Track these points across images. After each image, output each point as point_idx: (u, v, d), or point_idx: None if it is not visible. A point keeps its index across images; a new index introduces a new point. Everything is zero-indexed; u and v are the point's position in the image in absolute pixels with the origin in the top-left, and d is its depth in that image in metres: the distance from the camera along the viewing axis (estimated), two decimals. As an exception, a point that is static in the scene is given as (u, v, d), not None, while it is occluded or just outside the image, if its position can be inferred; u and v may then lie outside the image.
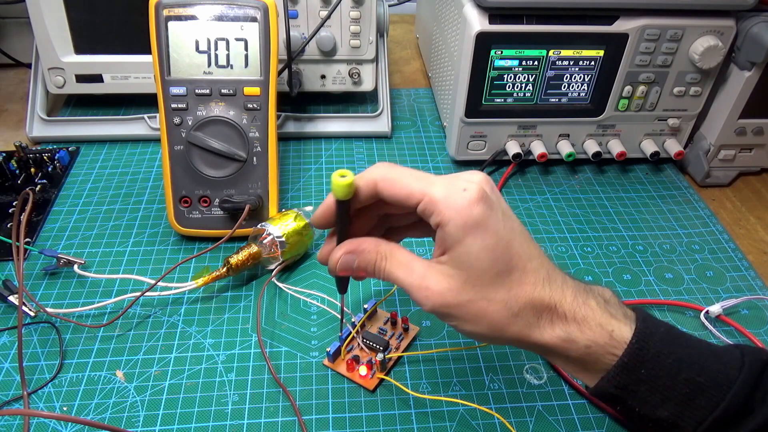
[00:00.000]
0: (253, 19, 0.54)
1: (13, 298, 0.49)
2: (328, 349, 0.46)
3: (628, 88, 0.62)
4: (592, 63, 0.60)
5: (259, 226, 0.53)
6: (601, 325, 0.32)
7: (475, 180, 0.32)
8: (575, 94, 0.63)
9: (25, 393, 0.43)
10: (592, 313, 0.32)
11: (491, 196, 0.32)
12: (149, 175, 0.66)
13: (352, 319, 0.48)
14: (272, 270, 0.53)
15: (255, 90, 0.54)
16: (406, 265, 0.34)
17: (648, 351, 0.31)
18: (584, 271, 0.56)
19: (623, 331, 0.32)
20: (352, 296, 0.53)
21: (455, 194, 0.31)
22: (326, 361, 0.46)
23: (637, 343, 0.31)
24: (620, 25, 0.58)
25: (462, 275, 0.32)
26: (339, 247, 0.35)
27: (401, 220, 0.38)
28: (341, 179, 0.33)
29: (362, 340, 0.47)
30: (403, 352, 0.47)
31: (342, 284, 0.41)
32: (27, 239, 0.56)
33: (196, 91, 0.54)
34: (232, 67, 0.54)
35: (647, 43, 0.58)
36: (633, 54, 0.59)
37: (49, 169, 0.65)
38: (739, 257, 0.58)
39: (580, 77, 0.61)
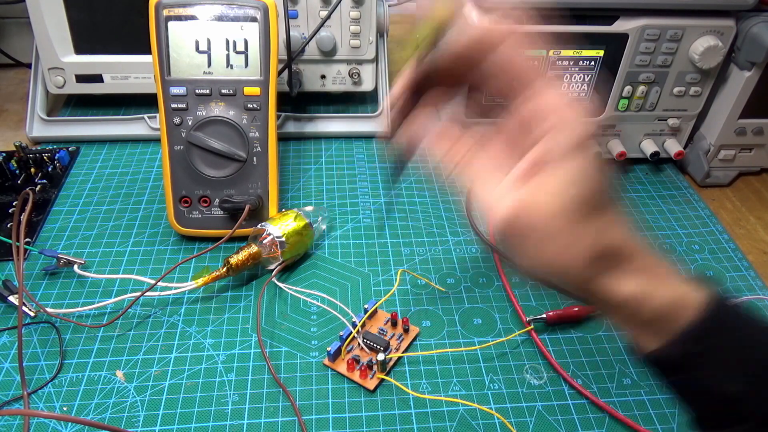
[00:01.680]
0: (253, 19, 0.54)
1: (13, 298, 0.49)
2: (328, 349, 0.46)
3: (628, 88, 0.62)
4: (592, 63, 0.60)
5: (259, 226, 0.53)
6: (676, 285, 0.29)
7: (581, 106, 0.29)
8: (575, 94, 0.63)
9: (25, 393, 0.43)
10: (668, 274, 0.30)
11: None
12: (149, 175, 0.66)
13: (353, 319, 0.48)
14: (272, 270, 0.53)
15: (255, 90, 0.54)
16: (484, 170, 0.30)
17: (725, 319, 0.29)
18: (584, 271, 0.56)
19: (698, 294, 0.29)
20: (353, 296, 0.53)
21: (573, 111, 0.28)
22: (326, 361, 0.46)
23: (715, 308, 0.29)
24: (620, 25, 0.58)
25: (560, 197, 0.28)
26: (419, 113, 0.32)
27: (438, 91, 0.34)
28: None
29: (362, 341, 0.47)
30: (403, 352, 0.47)
31: (401, 166, 0.34)
32: (27, 239, 0.56)
33: (196, 91, 0.54)
34: (232, 67, 0.54)
35: (647, 43, 0.58)
36: (633, 54, 0.59)
37: (49, 169, 0.65)
38: (739, 257, 0.58)
39: (580, 77, 0.61)
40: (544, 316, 0.49)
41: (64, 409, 0.43)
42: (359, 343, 0.47)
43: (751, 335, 0.29)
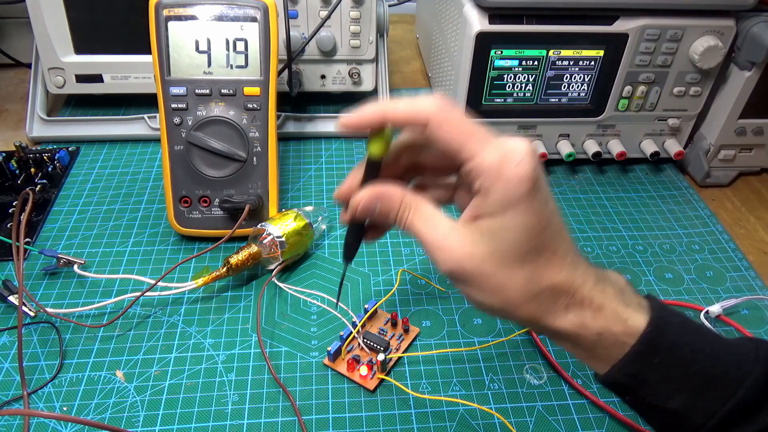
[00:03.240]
0: (253, 19, 0.54)
1: (13, 298, 0.49)
2: (329, 349, 0.46)
3: (628, 88, 0.62)
4: (592, 63, 0.60)
5: (259, 226, 0.53)
6: (616, 313, 0.31)
7: (525, 152, 0.30)
8: (575, 94, 0.63)
9: (25, 393, 0.43)
10: (608, 301, 0.31)
11: (540, 173, 0.30)
12: (149, 175, 0.66)
13: (353, 319, 0.48)
14: (272, 270, 0.53)
15: (255, 90, 0.54)
16: (431, 220, 0.32)
17: (662, 340, 0.30)
18: (584, 271, 0.56)
19: (638, 319, 0.31)
20: (353, 296, 0.53)
21: (508, 166, 0.29)
22: (327, 361, 0.46)
23: (651, 331, 0.30)
24: (620, 25, 0.58)
25: (490, 246, 0.30)
26: (363, 190, 0.33)
27: (429, 177, 0.36)
28: (378, 135, 0.31)
29: (363, 341, 0.47)
30: (403, 352, 0.47)
31: (353, 246, 0.37)
32: (27, 239, 0.56)
33: (196, 91, 0.54)
34: (232, 67, 0.54)
35: (647, 43, 0.58)
36: (633, 54, 0.59)
37: (49, 169, 0.65)
38: (739, 257, 0.58)
39: (580, 77, 0.61)
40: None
41: (64, 409, 0.43)
42: (359, 343, 0.47)
43: (693, 348, 0.31)
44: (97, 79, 0.69)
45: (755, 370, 0.30)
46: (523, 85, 0.61)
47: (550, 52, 0.59)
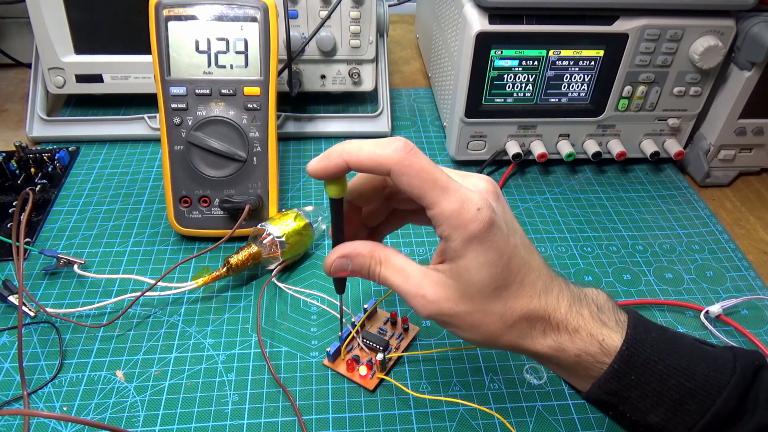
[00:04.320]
0: (253, 19, 0.54)
1: (13, 298, 0.49)
2: (328, 349, 0.46)
3: (628, 88, 0.62)
4: (592, 63, 0.60)
5: (259, 226, 0.53)
6: (591, 334, 0.32)
7: (485, 194, 0.32)
8: (575, 94, 0.63)
9: (25, 393, 0.43)
10: (584, 323, 0.33)
11: (498, 212, 0.32)
12: (149, 175, 0.66)
13: (352, 319, 0.48)
14: (272, 270, 0.53)
15: (255, 90, 0.54)
16: (402, 271, 0.34)
17: (638, 357, 0.32)
18: (584, 271, 0.56)
19: (614, 338, 0.32)
20: (352, 296, 0.53)
21: (466, 212, 0.30)
22: (326, 361, 0.46)
23: (627, 350, 0.32)
24: (620, 25, 0.58)
25: (460, 287, 0.32)
26: (333, 251, 0.35)
27: (405, 205, 0.38)
28: (330, 182, 0.33)
29: (362, 340, 0.47)
30: (403, 352, 0.47)
31: (339, 285, 0.40)
32: (27, 239, 0.56)
33: (196, 91, 0.54)
34: (232, 67, 0.54)
35: (647, 43, 0.58)
36: (633, 54, 0.59)
37: (49, 169, 0.65)
38: (739, 257, 0.58)
39: (580, 77, 0.61)
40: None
41: (64, 409, 0.43)
42: (359, 343, 0.47)
43: (668, 363, 0.32)
44: (97, 79, 0.69)
45: (731, 382, 0.31)
46: (523, 85, 0.61)
47: (550, 52, 0.59)
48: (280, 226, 0.53)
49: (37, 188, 0.62)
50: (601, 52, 0.59)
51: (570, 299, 0.33)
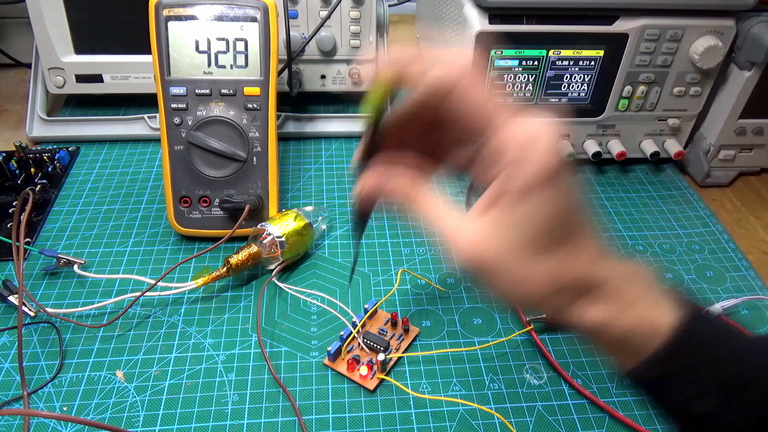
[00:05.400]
0: (253, 19, 0.54)
1: (13, 298, 0.49)
2: (328, 349, 0.46)
3: (628, 88, 0.62)
4: (592, 63, 0.60)
5: (259, 226, 0.53)
6: (647, 308, 0.30)
7: (551, 138, 0.28)
8: (575, 94, 0.63)
9: (25, 393, 0.43)
10: (638, 296, 0.30)
11: (564, 162, 0.28)
12: (149, 175, 0.66)
13: (353, 319, 0.48)
14: (272, 270, 0.53)
15: (255, 90, 0.54)
16: (444, 206, 0.30)
17: (694, 341, 0.29)
18: (584, 271, 0.56)
19: (668, 317, 0.29)
20: (353, 296, 0.53)
21: (535, 151, 0.27)
22: (327, 361, 0.46)
23: (684, 331, 0.29)
24: (620, 25, 0.58)
25: (511, 236, 0.28)
26: (368, 175, 0.31)
27: (444, 143, 0.33)
28: (379, 83, 0.29)
29: (363, 341, 0.47)
30: (403, 352, 0.47)
31: (360, 224, 0.35)
32: (27, 239, 0.56)
33: (196, 91, 0.54)
34: (232, 67, 0.54)
35: (647, 43, 0.58)
36: (633, 54, 0.59)
37: (49, 169, 0.65)
38: (739, 257, 0.58)
39: (580, 77, 0.61)
40: (544, 315, 0.49)
41: (64, 409, 0.43)
42: (359, 343, 0.47)
43: (723, 352, 0.30)
44: (97, 79, 0.69)
45: None
46: (523, 85, 0.61)
47: (550, 52, 0.59)
48: (280, 226, 0.53)
49: (37, 188, 0.62)
50: (601, 52, 0.59)
51: (623, 271, 0.30)
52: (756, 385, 0.29)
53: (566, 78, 0.61)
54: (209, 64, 0.54)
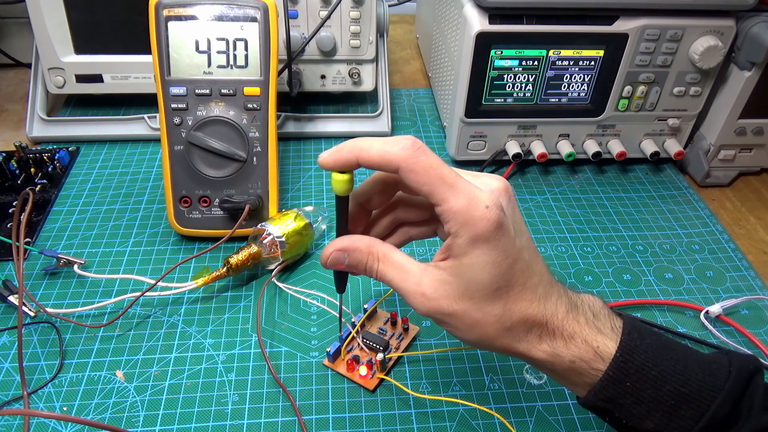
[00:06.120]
0: (253, 19, 0.54)
1: (13, 298, 0.49)
2: (328, 349, 0.46)
3: (628, 88, 0.62)
4: (592, 63, 0.60)
5: (259, 226, 0.53)
6: (587, 341, 0.32)
7: (496, 193, 0.32)
8: (575, 94, 0.63)
9: (25, 393, 0.43)
10: (579, 329, 0.33)
11: (507, 212, 0.32)
12: (149, 175, 0.66)
13: (352, 319, 0.48)
14: (272, 270, 0.53)
15: (255, 90, 0.54)
16: (401, 267, 0.34)
17: (632, 364, 0.32)
18: (584, 271, 0.56)
19: (608, 345, 0.32)
20: (352, 296, 0.53)
21: (475, 210, 0.30)
22: (326, 361, 0.46)
23: (621, 356, 0.32)
24: (620, 25, 0.58)
25: (461, 285, 0.32)
26: (331, 243, 0.35)
27: (411, 215, 0.38)
28: (340, 175, 0.33)
29: (362, 340, 0.47)
30: (403, 352, 0.47)
31: (340, 283, 0.40)
32: (27, 239, 0.56)
33: (196, 91, 0.54)
34: (232, 67, 0.54)
35: (647, 43, 0.58)
36: (633, 54, 0.59)
37: (49, 169, 0.65)
38: (739, 257, 0.58)
39: (580, 77, 0.61)
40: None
41: (64, 409, 0.43)
42: (359, 343, 0.47)
43: (663, 369, 0.32)
44: (97, 79, 0.69)
45: (726, 387, 0.31)
46: (523, 85, 0.61)
47: (550, 52, 0.59)
48: (280, 226, 0.53)
49: (37, 188, 0.62)
50: (601, 52, 0.59)
51: (567, 306, 0.33)
52: (690, 402, 0.31)
53: (566, 78, 0.61)
54: (209, 64, 0.54)
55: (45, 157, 0.66)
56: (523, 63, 0.59)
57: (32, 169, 0.64)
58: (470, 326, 0.33)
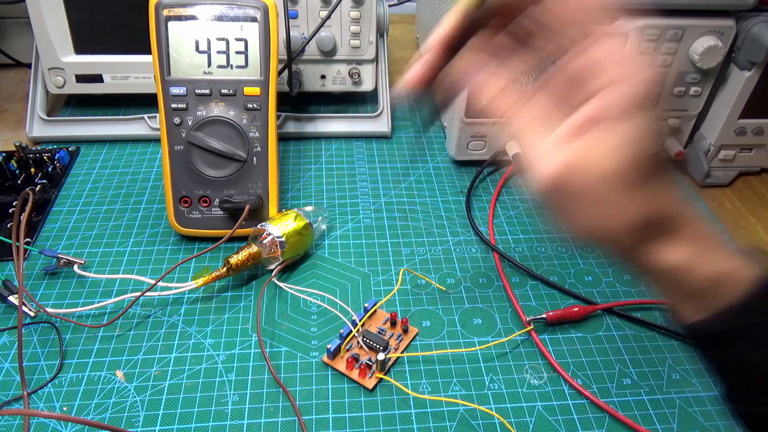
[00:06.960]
0: (253, 19, 0.54)
1: (13, 298, 0.49)
2: (328, 346, 0.46)
3: (628, 88, 0.62)
4: (592, 63, 0.60)
5: (259, 226, 0.53)
6: (726, 257, 0.28)
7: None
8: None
9: (25, 393, 0.43)
10: (719, 244, 0.28)
11: None
12: (149, 175, 0.66)
13: (353, 318, 0.48)
14: (272, 270, 0.53)
15: (255, 90, 0.54)
16: (532, 122, 0.28)
17: None
18: (584, 271, 0.56)
19: (747, 270, 0.28)
20: (352, 296, 0.53)
21: (636, 64, 0.25)
22: (325, 358, 0.46)
23: (763, 287, 0.27)
24: (620, 25, 0.58)
25: (611, 159, 0.25)
26: (467, 54, 0.29)
27: (513, 49, 0.31)
28: None
29: (362, 339, 0.47)
30: (402, 352, 0.47)
31: (431, 112, 0.33)
32: (27, 239, 0.56)
33: (196, 91, 0.54)
34: (232, 67, 0.54)
35: (647, 43, 0.58)
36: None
37: (49, 169, 0.65)
38: (739, 257, 0.58)
39: (580, 77, 0.61)
40: (544, 316, 0.49)
41: (64, 409, 0.43)
42: (359, 342, 0.47)
43: None
44: (97, 79, 0.69)
45: None
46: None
47: (550, 52, 0.59)
48: (280, 226, 0.53)
49: (37, 188, 0.62)
50: (601, 52, 0.59)
51: (704, 218, 0.28)
52: None
53: (566, 78, 0.61)
54: (209, 64, 0.54)
55: (45, 157, 0.66)
56: (523, 63, 0.59)
57: (32, 169, 0.64)
58: (603, 214, 0.27)
